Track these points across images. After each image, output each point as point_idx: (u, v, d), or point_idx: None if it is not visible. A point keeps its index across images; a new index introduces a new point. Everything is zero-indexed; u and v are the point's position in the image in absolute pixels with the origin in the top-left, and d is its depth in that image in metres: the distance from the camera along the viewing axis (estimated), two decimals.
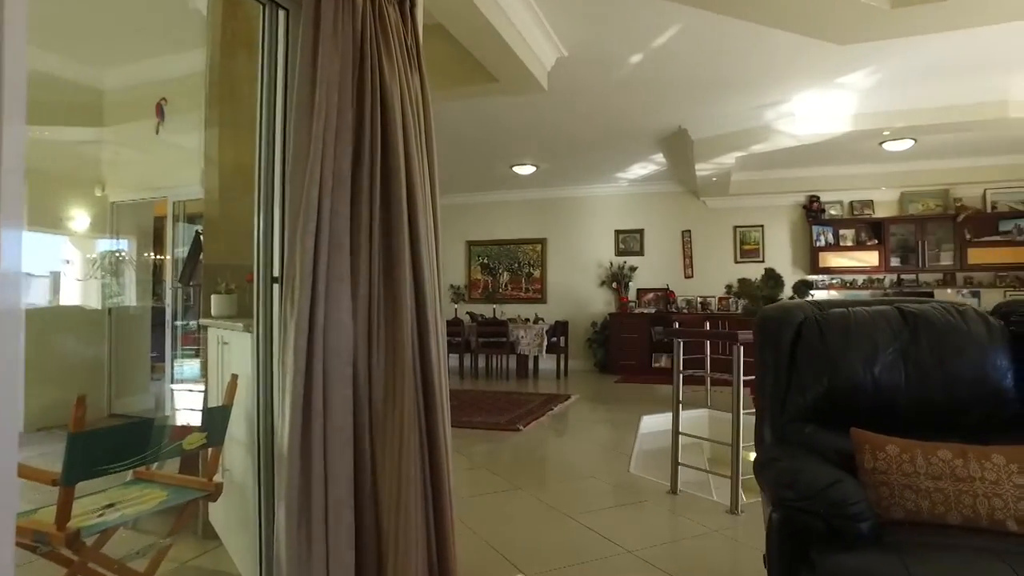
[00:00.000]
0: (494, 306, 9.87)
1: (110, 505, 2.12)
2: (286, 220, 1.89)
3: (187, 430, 2.33)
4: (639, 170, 8.70)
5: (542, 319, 9.43)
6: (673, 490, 3.52)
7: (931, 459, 1.74)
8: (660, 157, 7.93)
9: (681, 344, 3.57)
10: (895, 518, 1.70)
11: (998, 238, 8.11)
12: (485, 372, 9.26)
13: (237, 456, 2.38)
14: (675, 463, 3.52)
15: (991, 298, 8.16)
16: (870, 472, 1.80)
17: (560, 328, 8.97)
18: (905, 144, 6.99)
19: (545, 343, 8.50)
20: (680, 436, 3.55)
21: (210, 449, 2.32)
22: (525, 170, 8.60)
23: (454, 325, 8.94)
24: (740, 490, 3.18)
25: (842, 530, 1.56)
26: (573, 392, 7.40)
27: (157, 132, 4.90)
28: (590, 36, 4.39)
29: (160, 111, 4.86)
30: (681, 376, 3.57)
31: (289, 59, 1.98)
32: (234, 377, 2.34)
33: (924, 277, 8.39)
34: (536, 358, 8.87)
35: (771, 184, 8.71)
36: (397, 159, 1.96)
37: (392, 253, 1.96)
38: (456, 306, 9.96)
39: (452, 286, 10.19)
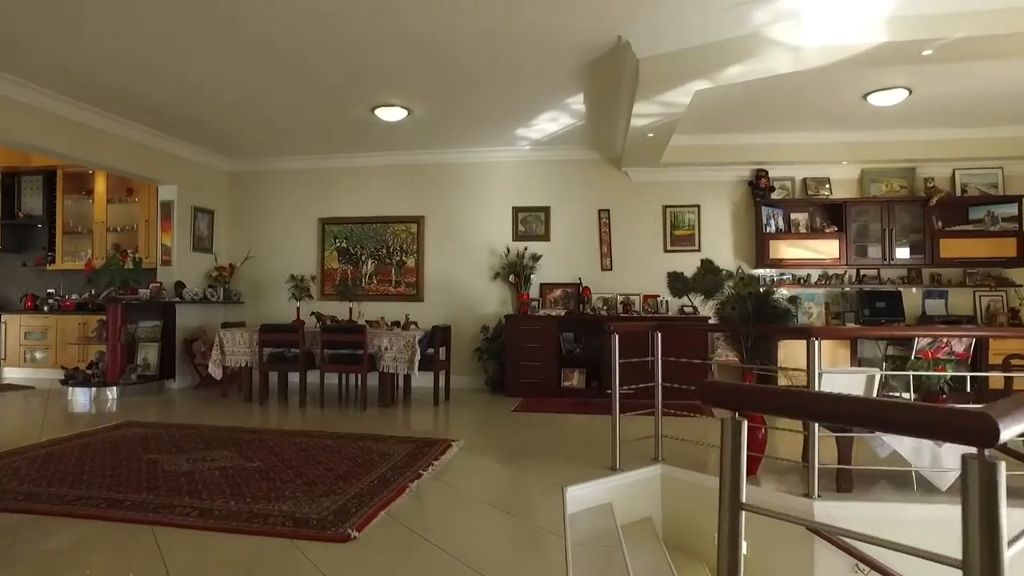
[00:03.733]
0: (351, 304, 7.31)
1: None
2: None
3: None
4: (548, 124, 6.51)
5: (415, 323, 7.02)
6: None
7: None
8: (579, 102, 5.78)
9: (739, 418, 1.35)
10: None
11: (969, 227, 6.74)
12: (337, 398, 6.70)
13: None
14: None
15: (959, 300, 6.79)
16: None
17: (440, 335, 6.58)
18: (897, 96, 5.31)
19: (418, 357, 6.08)
20: None
21: None
22: (393, 115, 6.13)
23: (291, 332, 6.32)
24: None
25: None
26: (456, 433, 5.07)
27: None
28: None
29: None
30: (744, 519, 1.34)
31: None
32: None
33: (886, 273, 6.87)
34: (408, 376, 6.45)
35: (710, 152, 6.85)
36: None
37: None
38: (299, 304, 7.27)
39: (294, 276, 7.48)
